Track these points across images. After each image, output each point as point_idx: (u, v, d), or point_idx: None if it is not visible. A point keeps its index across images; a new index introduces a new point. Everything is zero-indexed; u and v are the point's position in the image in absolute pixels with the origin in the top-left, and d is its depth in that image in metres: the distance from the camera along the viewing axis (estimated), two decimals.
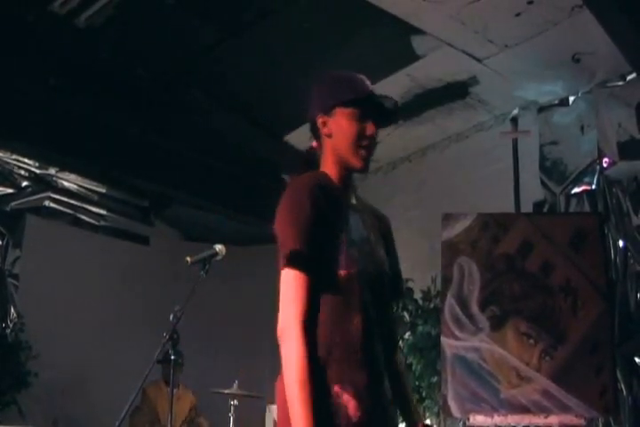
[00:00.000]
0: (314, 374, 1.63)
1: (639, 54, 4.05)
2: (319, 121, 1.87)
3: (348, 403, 1.67)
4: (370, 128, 1.83)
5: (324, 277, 1.72)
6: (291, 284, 1.69)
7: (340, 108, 1.84)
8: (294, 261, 1.69)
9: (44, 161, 6.00)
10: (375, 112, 1.84)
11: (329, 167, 1.87)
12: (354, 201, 1.90)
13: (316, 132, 1.90)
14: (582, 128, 5.05)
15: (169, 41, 4.86)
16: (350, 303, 1.74)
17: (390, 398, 1.81)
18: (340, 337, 1.72)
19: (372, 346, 1.76)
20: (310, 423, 1.58)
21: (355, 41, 4.70)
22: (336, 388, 1.68)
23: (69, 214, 6.44)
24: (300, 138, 5.94)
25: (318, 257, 1.70)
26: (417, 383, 4.81)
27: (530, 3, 4.22)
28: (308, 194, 1.72)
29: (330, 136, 1.85)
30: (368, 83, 1.88)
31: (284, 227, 1.72)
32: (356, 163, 1.84)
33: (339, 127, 1.84)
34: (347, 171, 1.87)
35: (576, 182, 5.02)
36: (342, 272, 1.74)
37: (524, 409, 4.16)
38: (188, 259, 3.19)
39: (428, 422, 4.58)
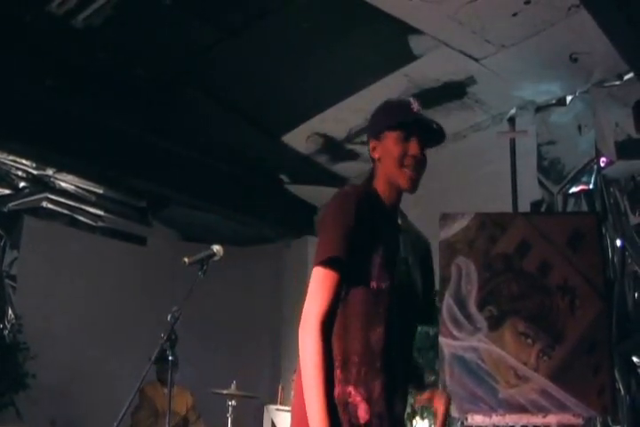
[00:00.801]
0: (328, 364, 1.67)
1: (636, 54, 4.05)
2: (370, 146, 1.95)
3: (360, 404, 1.73)
4: (413, 147, 1.89)
5: (356, 285, 1.78)
6: (319, 280, 1.75)
7: (387, 132, 1.91)
8: (327, 261, 1.74)
9: (42, 162, 5.97)
10: (420, 132, 1.90)
11: (380, 188, 1.93)
12: (399, 221, 1.96)
13: (371, 157, 1.97)
14: (580, 128, 5.05)
15: (167, 41, 4.85)
16: (376, 315, 1.79)
17: (403, 409, 1.86)
18: (362, 345, 1.77)
19: (392, 357, 1.80)
20: (325, 408, 1.62)
21: (352, 41, 4.71)
22: (350, 388, 1.74)
23: (67, 215, 6.42)
24: (297, 138, 5.94)
25: (351, 261, 1.75)
26: None
27: (527, 3, 4.22)
28: (354, 200, 1.80)
29: (379, 160, 1.93)
30: (415, 105, 1.95)
31: (324, 230, 1.80)
32: (402, 182, 1.90)
33: (385, 150, 1.91)
34: (396, 192, 1.93)
35: (574, 182, 5.02)
36: (374, 284, 1.79)
37: (522, 409, 4.16)
38: (186, 259, 3.19)
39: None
